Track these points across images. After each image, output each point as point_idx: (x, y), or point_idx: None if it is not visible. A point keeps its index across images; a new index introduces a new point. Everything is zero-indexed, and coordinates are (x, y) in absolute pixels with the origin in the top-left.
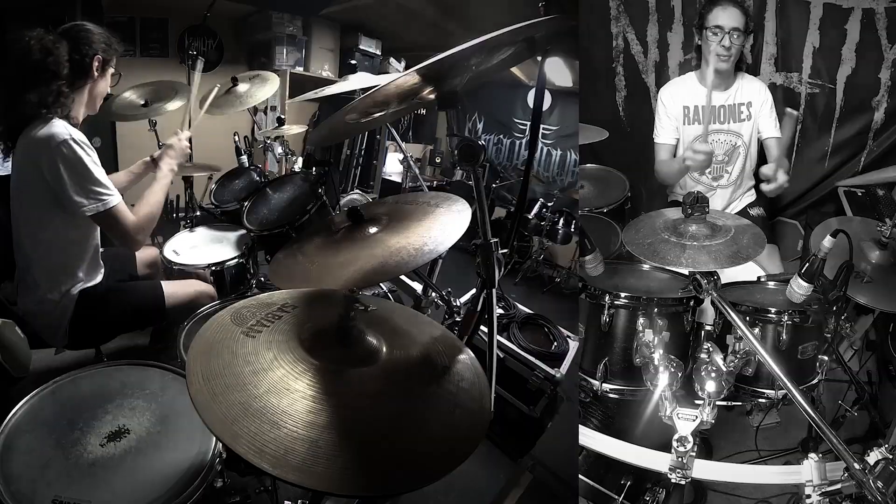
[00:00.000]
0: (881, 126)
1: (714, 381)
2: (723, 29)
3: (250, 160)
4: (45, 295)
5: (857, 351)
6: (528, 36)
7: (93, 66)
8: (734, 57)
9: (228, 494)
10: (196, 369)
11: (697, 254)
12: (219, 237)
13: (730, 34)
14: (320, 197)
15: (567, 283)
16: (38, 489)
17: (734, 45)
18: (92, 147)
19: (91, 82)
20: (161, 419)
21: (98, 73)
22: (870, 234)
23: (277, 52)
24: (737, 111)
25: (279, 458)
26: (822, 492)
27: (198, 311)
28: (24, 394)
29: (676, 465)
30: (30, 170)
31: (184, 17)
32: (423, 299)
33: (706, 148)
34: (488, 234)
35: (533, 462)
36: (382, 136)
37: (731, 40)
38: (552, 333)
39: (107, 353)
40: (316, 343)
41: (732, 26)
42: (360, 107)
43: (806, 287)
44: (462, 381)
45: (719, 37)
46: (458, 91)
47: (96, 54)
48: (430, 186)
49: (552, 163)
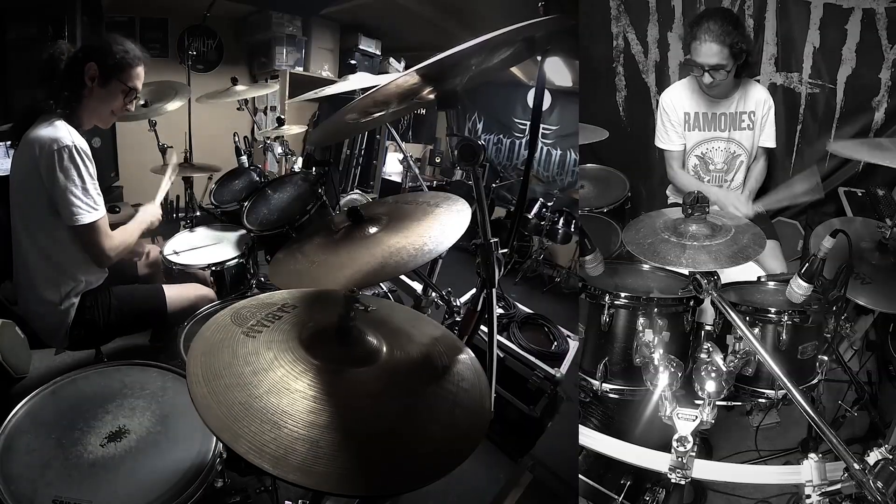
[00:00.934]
0: (881, 126)
1: (714, 381)
2: (702, 67)
3: (250, 160)
4: (44, 297)
5: (857, 351)
6: (528, 36)
7: (85, 73)
8: (724, 83)
9: (229, 494)
10: (196, 369)
11: (697, 254)
12: (219, 237)
13: (709, 71)
14: (320, 197)
15: (567, 283)
16: (38, 489)
17: (716, 80)
18: (91, 158)
19: (87, 90)
20: (161, 419)
21: (93, 82)
22: (870, 234)
23: (277, 52)
24: (738, 119)
25: (279, 457)
26: (822, 492)
27: (198, 312)
28: (24, 394)
29: (676, 465)
30: (30, 169)
31: (184, 17)
32: (423, 299)
33: (747, 212)
34: (488, 234)
35: (533, 462)
36: (382, 136)
37: (713, 76)
38: (552, 333)
39: (107, 353)
40: (316, 343)
41: (711, 64)
42: (359, 107)
43: (806, 287)
44: (462, 381)
45: (700, 73)
46: (457, 91)
47: (89, 61)
48: (430, 186)
49: (552, 163)
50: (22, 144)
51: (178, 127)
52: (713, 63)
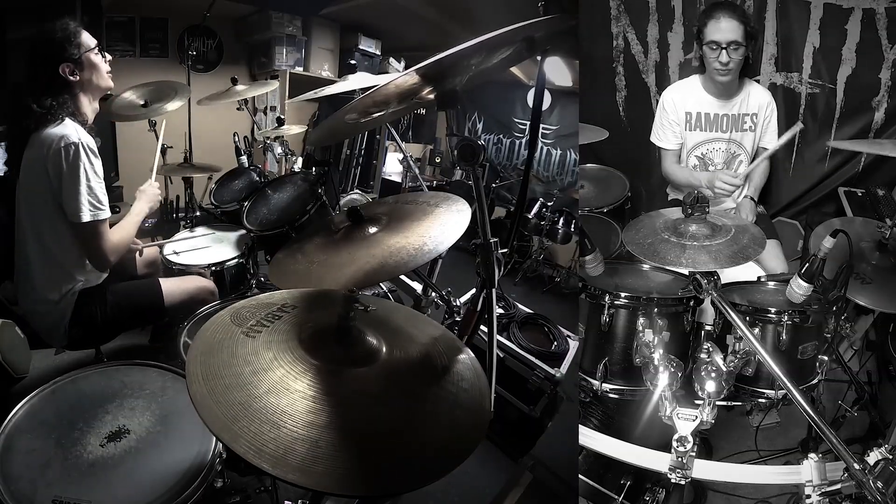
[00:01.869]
0: (881, 126)
1: (714, 381)
2: (719, 44)
3: (250, 160)
4: (44, 295)
5: (857, 351)
6: (528, 36)
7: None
8: (735, 70)
9: (228, 494)
10: (196, 369)
11: (697, 254)
12: (219, 237)
13: (727, 49)
14: (320, 197)
15: (567, 283)
16: (38, 489)
17: (733, 60)
18: (98, 156)
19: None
20: (161, 419)
21: (75, 75)
22: (870, 234)
23: (277, 52)
24: (740, 121)
25: (279, 458)
26: (822, 492)
27: (198, 312)
28: (24, 394)
29: (676, 465)
30: (38, 168)
31: (184, 17)
32: (423, 299)
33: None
34: (488, 234)
35: (533, 462)
36: (382, 136)
37: (730, 55)
38: (552, 333)
39: (107, 353)
40: (316, 343)
41: (730, 40)
42: (359, 107)
43: (806, 287)
44: (462, 381)
45: (717, 52)
46: (457, 91)
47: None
48: (430, 186)
49: (552, 163)
50: (31, 145)
51: (178, 127)
52: (731, 38)
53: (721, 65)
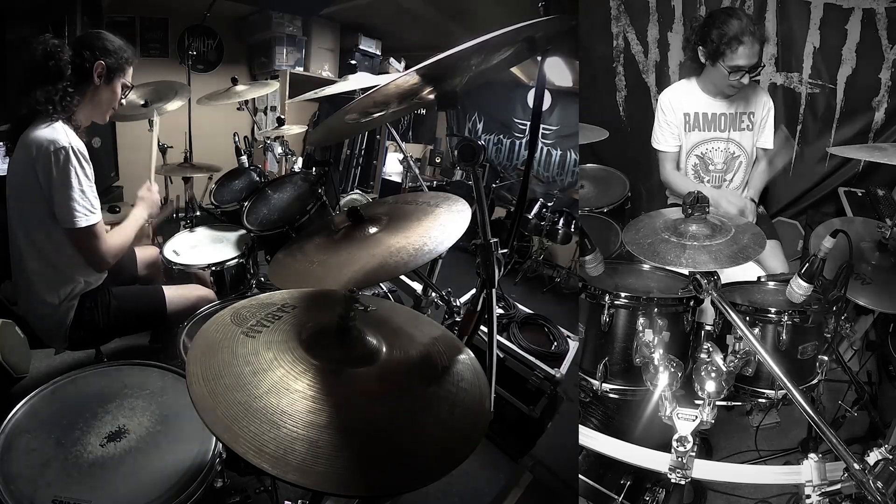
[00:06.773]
0: (881, 126)
1: (714, 381)
2: (743, 69)
3: (250, 160)
4: (43, 298)
5: (857, 351)
6: (528, 36)
7: (94, 71)
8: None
9: (228, 494)
10: (196, 369)
11: (697, 254)
12: (219, 237)
13: (749, 71)
14: (320, 197)
15: (567, 283)
16: (38, 489)
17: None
18: (88, 160)
19: (93, 88)
20: (161, 419)
21: (100, 80)
22: (870, 234)
23: (277, 52)
24: (738, 120)
25: (279, 458)
26: (822, 492)
27: (198, 312)
28: (24, 394)
29: (676, 465)
30: (27, 170)
31: (184, 17)
32: (423, 299)
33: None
34: (488, 234)
35: (533, 462)
36: (382, 136)
37: (749, 75)
38: (552, 333)
39: (107, 353)
40: (316, 343)
41: (753, 63)
42: (359, 107)
43: (806, 287)
44: (462, 381)
45: (738, 75)
46: (457, 91)
47: (98, 60)
48: (430, 186)
49: (552, 163)
50: (19, 145)
51: (178, 127)
52: (755, 62)
53: (739, 84)
